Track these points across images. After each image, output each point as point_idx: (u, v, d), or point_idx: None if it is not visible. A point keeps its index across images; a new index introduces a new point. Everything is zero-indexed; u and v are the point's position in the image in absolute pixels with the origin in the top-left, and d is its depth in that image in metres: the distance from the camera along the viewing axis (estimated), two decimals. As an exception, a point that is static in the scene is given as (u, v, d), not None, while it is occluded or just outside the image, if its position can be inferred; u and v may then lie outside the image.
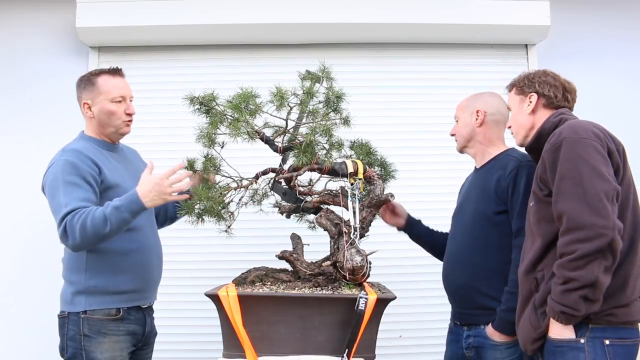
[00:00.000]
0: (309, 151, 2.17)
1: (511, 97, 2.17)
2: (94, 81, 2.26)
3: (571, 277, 1.72)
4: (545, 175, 1.88)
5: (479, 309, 2.21)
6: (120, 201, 2.05)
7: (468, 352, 2.25)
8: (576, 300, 1.72)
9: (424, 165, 3.38)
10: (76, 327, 2.12)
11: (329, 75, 2.26)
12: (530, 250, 1.95)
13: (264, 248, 2.58)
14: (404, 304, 2.59)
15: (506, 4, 3.34)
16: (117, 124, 2.26)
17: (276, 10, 3.28)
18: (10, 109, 3.45)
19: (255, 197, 2.46)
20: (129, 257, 2.20)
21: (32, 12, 3.51)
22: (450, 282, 2.34)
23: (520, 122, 2.11)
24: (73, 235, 2.01)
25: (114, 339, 2.15)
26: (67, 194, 2.06)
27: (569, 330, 1.79)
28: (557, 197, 1.80)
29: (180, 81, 3.32)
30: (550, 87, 2.05)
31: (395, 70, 3.53)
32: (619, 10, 3.63)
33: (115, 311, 2.16)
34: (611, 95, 3.52)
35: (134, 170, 2.32)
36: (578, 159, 1.78)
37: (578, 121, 1.93)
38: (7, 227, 3.35)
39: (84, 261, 2.16)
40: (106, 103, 2.24)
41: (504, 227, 2.19)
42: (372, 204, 2.26)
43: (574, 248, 1.72)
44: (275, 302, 2.07)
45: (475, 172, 2.42)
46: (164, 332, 2.54)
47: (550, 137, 1.90)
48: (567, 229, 1.75)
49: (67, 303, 2.18)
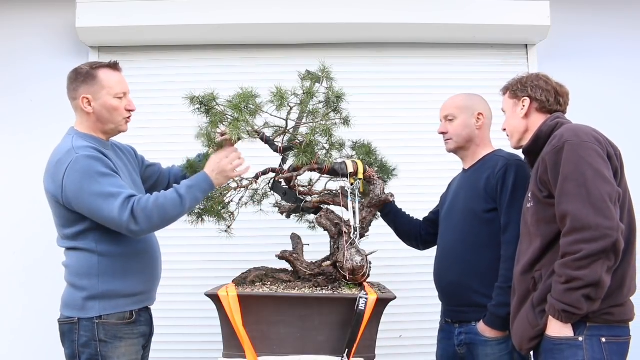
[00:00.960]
0: (309, 151, 2.17)
1: (505, 100, 2.19)
2: (94, 75, 2.14)
3: (575, 276, 1.73)
4: (545, 177, 1.89)
5: (470, 306, 2.23)
6: (191, 181, 2.07)
7: (460, 349, 2.27)
8: (578, 299, 1.74)
9: (424, 165, 3.38)
10: (90, 333, 2.06)
11: (329, 75, 2.26)
12: (527, 251, 1.96)
13: (264, 248, 2.58)
14: (404, 304, 2.59)
15: (506, 4, 3.34)
16: (118, 120, 2.17)
17: (276, 10, 3.28)
18: (10, 109, 3.45)
19: (255, 197, 2.47)
20: (139, 259, 2.17)
21: (32, 12, 3.51)
22: (441, 279, 2.36)
23: (514, 126, 2.14)
24: (148, 217, 1.98)
25: (129, 343, 2.11)
26: (112, 184, 2.00)
27: (568, 328, 1.81)
28: (561, 198, 1.81)
29: (180, 81, 3.32)
30: (542, 91, 2.08)
31: (395, 70, 3.53)
32: (619, 10, 3.63)
33: (129, 314, 2.12)
34: (611, 95, 3.52)
35: (126, 166, 2.28)
36: (581, 161, 1.80)
37: (578, 125, 1.95)
38: (7, 227, 3.35)
39: (96, 265, 2.08)
40: (109, 98, 2.14)
41: (494, 225, 2.22)
42: (372, 204, 2.26)
43: (578, 248, 1.74)
44: (275, 302, 2.07)
45: (464, 173, 2.43)
46: (164, 332, 2.54)
47: (551, 140, 1.92)
48: (571, 229, 1.77)
49: (76, 309, 2.09)
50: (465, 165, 2.43)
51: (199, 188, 2.08)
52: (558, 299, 1.78)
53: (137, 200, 1.99)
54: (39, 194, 2.27)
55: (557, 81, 2.13)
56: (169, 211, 2.03)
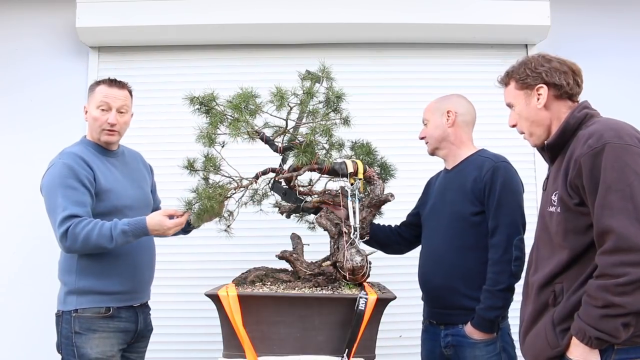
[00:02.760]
0: (309, 151, 2.17)
1: (511, 92, 1.90)
2: (93, 88, 2.35)
3: (615, 303, 1.54)
4: (578, 182, 1.65)
5: (456, 309, 2.24)
6: (129, 226, 2.14)
7: (446, 351, 2.27)
8: (616, 327, 1.55)
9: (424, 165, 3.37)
10: (68, 325, 2.21)
11: (329, 75, 2.26)
12: (549, 261, 1.76)
13: (264, 248, 2.58)
14: (404, 304, 2.59)
15: (506, 4, 3.34)
16: (98, 130, 2.32)
17: (276, 10, 3.28)
18: (10, 109, 3.45)
19: (255, 197, 2.46)
20: (119, 261, 2.27)
21: (32, 12, 3.51)
22: (427, 282, 2.37)
23: (533, 120, 1.84)
24: (74, 240, 2.11)
25: (103, 335, 2.22)
26: (65, 197, 2.14)
27: (595, 353, 1.61)
28: (603, 210, 1.58)
29: (180, 81, 3.32)
30: (560, 74, 1.80)
31: (395, 70, 3.53)
32: (619, 11, 3.63)
33: (105, 309, 2.23)
34: (611, 95, 3.51)
35: (131, 173, 2.38)
36: (626, 168, 1.57)
37: (617, 122, 1.71)
38: (7, 227, 3.35)
39: (75, 263, 2.24)
40: (92, 109, 2.31)
41: (480, 228, 2.22)
42: (372, 204, 2.26)
43: (622, 271, 1.53)
44: (275, 302, 2.07)
45: (446, 173, 2.42)
46: (164, 332, 2.54)
47: (586, 138, 1.66)
48: (615, 249, 1.55)
49: (60, 302, 2.27)
50: (447, 165, 2.43)
51: (133, 234, 2.15)
52: (592, 324, 1.57)
53: (77, 223, 2.11)
54: (39, 194, 2.28)
55: (569, 59, 1.84)
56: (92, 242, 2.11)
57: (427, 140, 2.43)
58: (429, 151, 2.46)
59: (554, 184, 1.77)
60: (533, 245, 1.91)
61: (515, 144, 2.66)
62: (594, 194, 1.60)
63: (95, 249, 2.15)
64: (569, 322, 1.67)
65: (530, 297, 1.83)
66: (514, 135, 2.71)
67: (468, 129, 2.40)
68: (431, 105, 2.44)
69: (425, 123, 2.43)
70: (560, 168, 1.75)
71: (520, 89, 1.85)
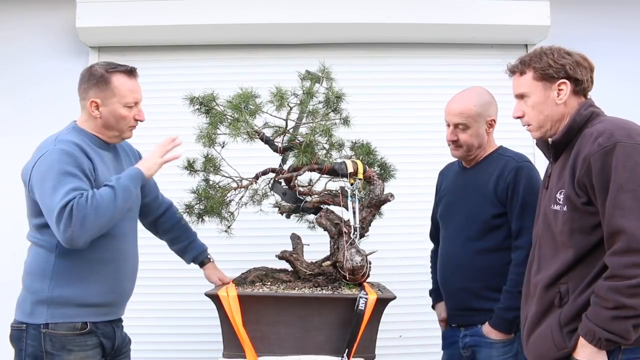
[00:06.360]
0: (309, 151, 2.17)
1: (526, 82, 1.81)
2: (108, 79, 2.06)
3: (626, 304, 1.53)
4: (587, 180, 1.63)
5: (476, 310, 2.23)
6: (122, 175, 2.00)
7: (464, 352, 2.26)
8: (627, 328, 1.55)
9: (424, 165, 3.38)
10: (36, 342, 1.91)
11: (329, 75, 2.26)
12: (553, 260, 1.74)
13: (264, 248, 2.58)
14: (404, 304, 2.59)
15: (506, 4, 3.34)
16: (123, 128, 2.13)
17: (276, 10, 3.28)
18: (11, 110, 3.44)
19: (255, 197, 2.46)
20: (101, 267, 2.01)
21: (32, 13, 3.50)
22: (448, 286, 2.35)
23: (548, 114, 1.78)
24: (82, 219, 1.83)
25: (81, 355, 1.93)
26: (65, 184, 1.88)
27: (602, 354, 1.60)
28: (614, 210, 1.56)
29: (180, 81, 3.31)
30: (582, 69, 1.76)
31: (395, 70, 3.53)
32: (619, 11, 3.62)
33: (82, 325, 1.95)
34: (611, 95, 3.51)
35: (123, 168, 2.21)
36: (637, 168, 1.56)
37: (626, 121, 1.70)
38: (7, 227, 3.34)
39: (51, 266, 1.96)
40: (119, 107, 2.07)
41: (501, 230, 2.20)
42: (372, 204, 2.26)
43: (634, 273, 1.52)
44: (275, 302, 2.07)
45: (464, 171, 2.38)
46: (163, 332, 2.54)
47: (595, 137, 1.64)
48: (627, 250, 1.54)
49: (25, 314, 1.97)
50: (466, 164, 2.38)
51: (127, 177, 1.99)
52: (602, 326, 1.56)
53: (77, 201, 1.85)
54: (39, 194, 2.27)
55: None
56: (102, 208, 1.88)
57: (460, 144, 2.29)
58: (459, 155, 2.34)
59: (559, 182, 1.74)
60: (534, 243, 1.89)
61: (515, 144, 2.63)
62: (604, 194, 1.59)
63: (104, 218, 1.88)
64: (576, 323, 1.65)
65: (533, 297, 1.81)
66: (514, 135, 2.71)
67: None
68: (471, 110, 2.25)
69: (463, 128, 2.26)
70: (565, 166, 1.73)
71: (539, 80, 1.79)
